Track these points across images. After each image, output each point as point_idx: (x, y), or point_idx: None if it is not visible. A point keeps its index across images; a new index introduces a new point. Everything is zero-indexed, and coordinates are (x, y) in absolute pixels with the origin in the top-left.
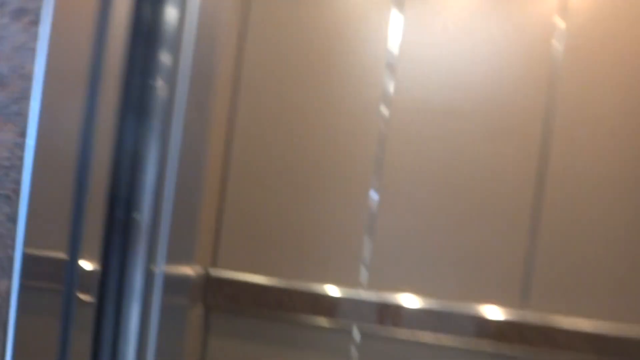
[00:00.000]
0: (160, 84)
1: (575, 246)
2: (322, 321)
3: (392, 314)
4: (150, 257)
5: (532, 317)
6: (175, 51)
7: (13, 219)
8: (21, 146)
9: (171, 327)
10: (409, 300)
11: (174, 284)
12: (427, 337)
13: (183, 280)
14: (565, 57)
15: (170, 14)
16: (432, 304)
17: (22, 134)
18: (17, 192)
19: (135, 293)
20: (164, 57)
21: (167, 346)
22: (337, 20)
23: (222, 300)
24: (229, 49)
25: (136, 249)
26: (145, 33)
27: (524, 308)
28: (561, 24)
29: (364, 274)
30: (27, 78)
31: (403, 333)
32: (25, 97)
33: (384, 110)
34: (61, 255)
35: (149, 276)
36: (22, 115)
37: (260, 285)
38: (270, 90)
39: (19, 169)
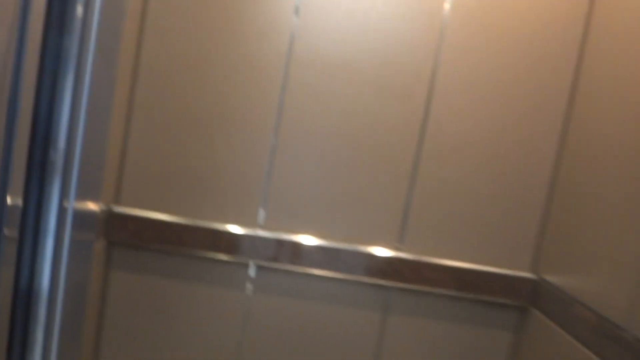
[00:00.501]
0: (72, 38)
1: (447, 197)
2: (221, 256)
3: (286, 251)
4: (63, 193)
5: (406, 257)
6: (85, 6)
7: None
8: None
9: (79, 260)
10: (303, 240)
11: (81, 219)
12: (317, 271)
13: (90, 216)
14: (451, 22)
15: None
16: (323, 244)
17: None
18: None
19: (50, 227)
20: (77, 12)
21: (76, 277)
22: None
23: (125, 235)
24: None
25: (52, 186)
26: None
27: (400, 249)
28: None
29: (261, 215)
30: None
31: (296, 268)
32: None
33: (285, 60)
34: None
35: (61, 212)
36: None
37: (162, 222)
38: (174, 37)
39: None
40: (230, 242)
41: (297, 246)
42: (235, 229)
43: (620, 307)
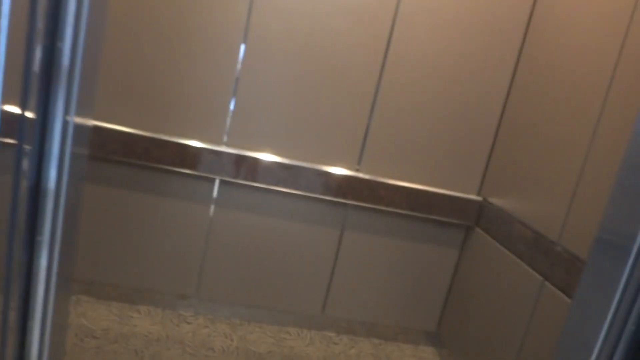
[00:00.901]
0: None
1: (404, 123)
2: (186, 171)
3: (249, 167)
4: (66, 109)
5: (364, 176)
6: None
7: None
8: None
9: (77, 166)
10: (265, 157)
11: (79, 134)
12: (278, 188)
13: (86, 130)
14: None
15: None
16: (286, 162)
17: None
18: None
19: (55, 141)
20: None
21: (74, 191)
22: None
23: (92, 148)
24: None
25: (57, 99)
26: None
27: (359, 170)
28: None
29: (225, 132)
30: None
31: (258, 184)
32: None
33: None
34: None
35: (64, 125)
36: None
37: (128, 134)
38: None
39: None
40: (195, 157)
41: (258, 163)
42: (200, 144)
43: (553, 224)
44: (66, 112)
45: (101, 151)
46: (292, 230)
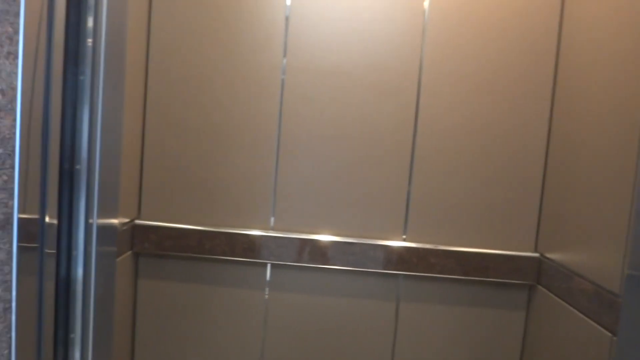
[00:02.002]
0: (86, 71)
1: (446, 186)
2: (238, 259)
3: (297, 249)
4: (88, 211)
5: (410, 246)
6: (94, 39)
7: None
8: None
9: (105, 271)
10: (311, 237)
11: (105, 234)
12: (327, 265)
13: (112, 230)
14: (432, 19)
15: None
16: (331, 239)
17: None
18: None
19: (79, 243)
20: (87, 54)
21: (103, 288)
22: None
23: (148, 246)
24: (137, 32)
25: (79, 204)
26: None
27: (405, 240)
28: None
29: (272, 217)
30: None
31: (308, 264)
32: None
33: (280, 71)
34: (35, 215)
35: (87, 228)
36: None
37: (181, 230)
38: (178, 57)
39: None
40: (246, 245)
41: (305, 243)
42: (248, 231)
43: (613, 274)
44: (88, 215)
45: (158, 248)
46: (347, 308)
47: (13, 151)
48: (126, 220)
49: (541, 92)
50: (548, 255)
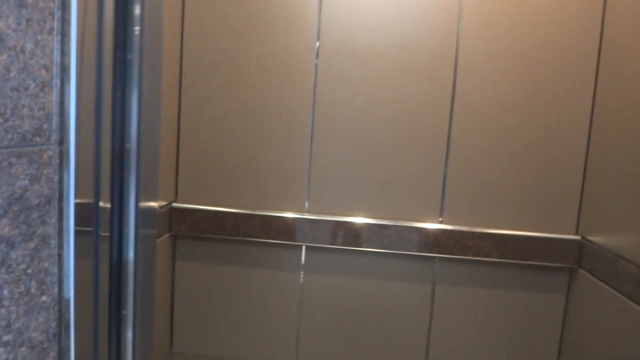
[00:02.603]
0: (130, 58)
1: (483, 167)
2: (273, 241)
3: (332, 231)
4: (138, 193)
5: (447, 228)
6: (137, 39)
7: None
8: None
9: (148, 252)
10: (346, 219)
11: (147, 216)
12: (363, 248)
13: (153, 213)
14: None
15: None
16: (367, 221)
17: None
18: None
19: (130, 225)
20: (135, 32)
21: (147, 269)
22: None
23: (185, 228)
24: (172, 24)
25: (129, 186)
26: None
27: (442, 222)
28: None
29: (307, 200)
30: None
31: (343, 246)
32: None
33: (314, 54)
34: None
35: (137, 211)
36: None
37: (217, 213)
38: (211, 41)
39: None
40: (281, 228)
41: (341, 225)
42: (283, 214)
43: None
44: (138, 197)
45: (195, 230)
46: (382, 290)
47: (59, 126)
48: (164, 203)
49: (584, 68)
50: (590, 237)
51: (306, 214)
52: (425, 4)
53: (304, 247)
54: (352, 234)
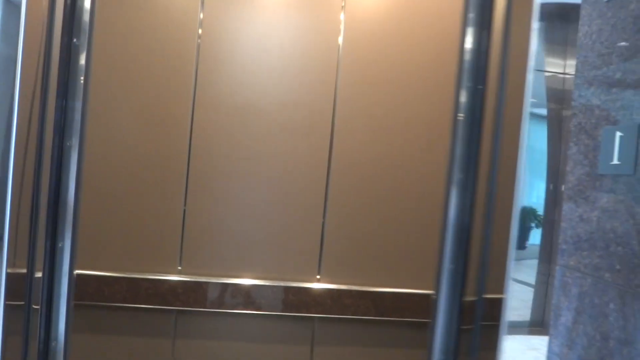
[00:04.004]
0: None
1: (359, 225)
2: (142, 305)
3: (206, 293)
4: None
5: (324, 287)
6: None
7: None
8: None
9: None
10: (221, 280)
11: None
12: (238, 310)
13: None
14: (344, 57)
15: None
16: (243, 282)
17: None
18: None
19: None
20: None
21: None
22: (150, 22)
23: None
24: None
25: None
26: None
27: (320, 281)
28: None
29: (180, 261)
30: None
31: (218, 309)
32: None
33: (189, 109)
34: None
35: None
36: None
37: (78, 276)
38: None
39: None
40: (151, 291)
41: (215, 287)
42: (152, 276)
43: None
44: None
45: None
46: (259, 353)
47: None
48: None
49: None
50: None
51: (178, 275)
52: (304, 61)
53: (174, 311)
54: (229, 295)
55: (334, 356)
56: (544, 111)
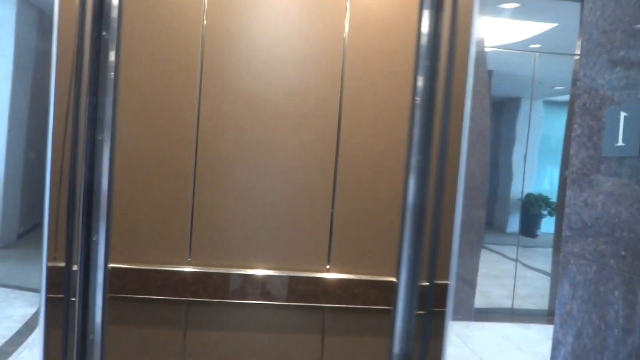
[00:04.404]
0: None
1: (367, 215)
2: (152, 297)
3: (216, 284)
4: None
5: (334, 277)
6: None
7: None
8: None
9: None
10: (232, 271)
11: None
12: (249, 300)
13: None
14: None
15: None
16: (253, 273)
17: None
18: None
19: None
20: None
21: None
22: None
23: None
24: None
25: None
26: None
27: (329, 270)
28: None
29: (189, 252)
30: None
31: (229, 299)
32: None
33: (197, 97)
34: None
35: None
36: None
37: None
38: None
39: None
40: (161, 282)
41: (226, 278)
42: (162, 267)
43: None
44: None
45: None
46: (270, 344)
47: None
48: None
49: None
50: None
51: (188, 266)
52: (309, 51)
53: (185, 302)
54: (238, 285)
55: (345, 345)
56: (566, 97)
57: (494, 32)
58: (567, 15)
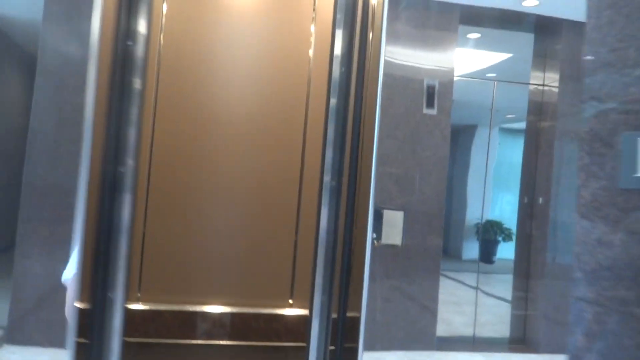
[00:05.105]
0: None
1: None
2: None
3: (169, 323)
4: None
5: (297, 313)
6: None
7: None
8: None
9: None
10: (188, 308)
11: None
12: (204, 341)
13: None
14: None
15: None
16: (209, 311)
17: None
18: None
19: None
20: None
21: None
22: None
23: None
24: None
25: None
26: None
27: (292, 306)
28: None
29: (137, 287)
30: None
31: (186, 340)
32: None
33: (151, 118)
34: None
35: None
36: None
37: None
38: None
39: None
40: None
41: (182, 316)
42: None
43: None
44: None
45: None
46: None
47: None
48: None
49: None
50: None
51: (137, 303)
52: (272, 70)
53: (132, 343)
54: (193, 324)
55: None
56: (522, 124)
57: (457, 62)
58: (521, 46)
